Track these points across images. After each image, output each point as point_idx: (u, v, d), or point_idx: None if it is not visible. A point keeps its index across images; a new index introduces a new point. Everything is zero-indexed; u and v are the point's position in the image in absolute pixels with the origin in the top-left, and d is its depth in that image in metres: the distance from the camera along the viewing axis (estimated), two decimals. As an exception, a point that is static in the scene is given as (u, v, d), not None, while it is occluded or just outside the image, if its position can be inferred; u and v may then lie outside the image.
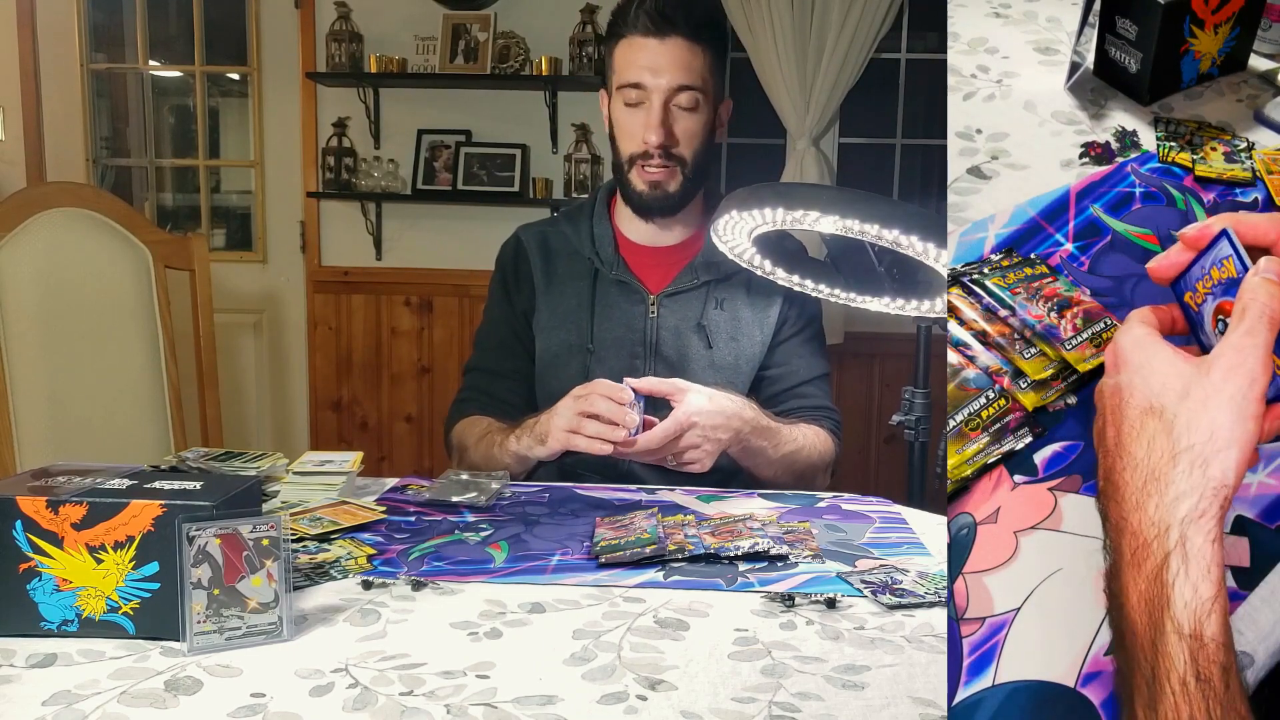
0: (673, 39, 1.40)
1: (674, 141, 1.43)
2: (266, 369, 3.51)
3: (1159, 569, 0.49)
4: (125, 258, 1.89)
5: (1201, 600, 0.48)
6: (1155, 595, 0.49)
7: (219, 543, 0.80)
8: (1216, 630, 0.47)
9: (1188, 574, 0.48)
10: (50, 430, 1.81)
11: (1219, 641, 0.47)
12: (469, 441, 1.47)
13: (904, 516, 1.21)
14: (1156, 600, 0.49)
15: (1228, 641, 0.47)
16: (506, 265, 1.57)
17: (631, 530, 1.08)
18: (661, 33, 1.40)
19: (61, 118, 3.42)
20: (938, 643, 0.83)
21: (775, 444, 1.38)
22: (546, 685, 0.74)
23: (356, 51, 3.22)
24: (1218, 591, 0.48)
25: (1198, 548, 0.49)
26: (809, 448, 1.43)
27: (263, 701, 0.71)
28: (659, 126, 1.41)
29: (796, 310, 1.53)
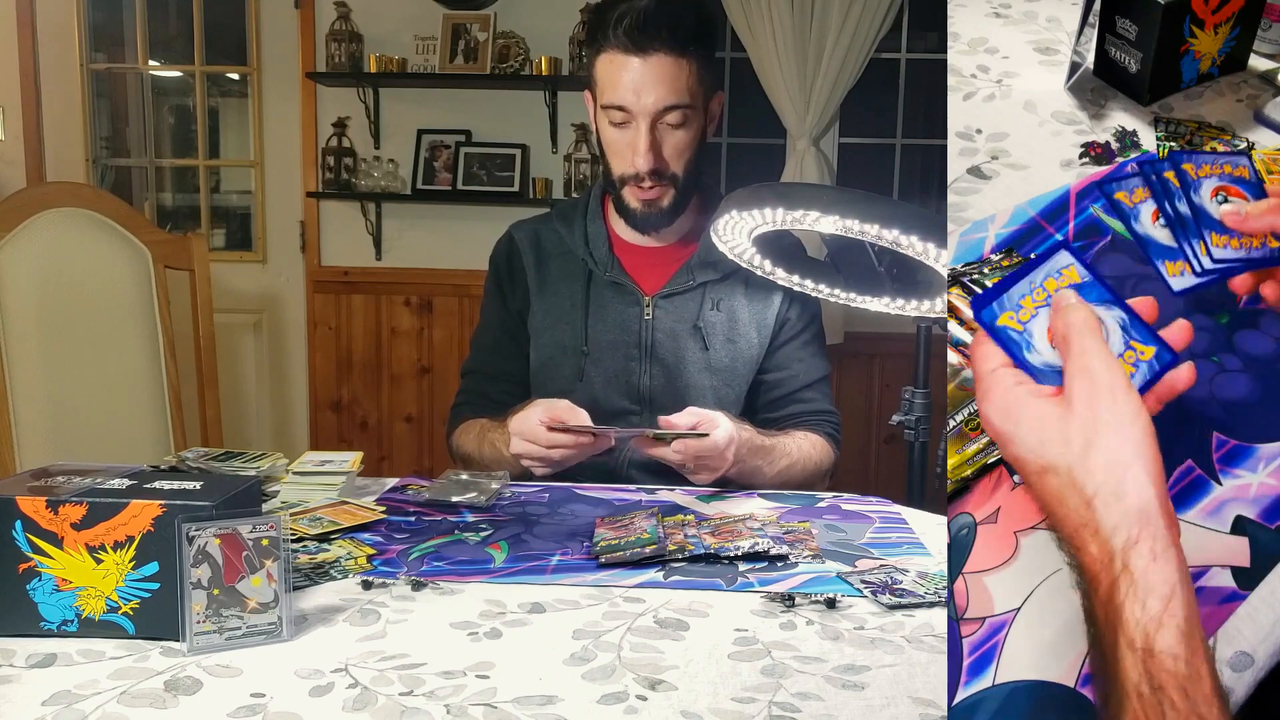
0: (655, 56, 1.32)
1: (664, 164, 1.39)
2: (266, 369, 3.51)
3: (1110, 592, 0.52)
4: (125, 258, 1.89)
5: (1150, 616, 0.50)
6: (1110, 617, 0.52)
7: (219, 543, 0.80)
8: (1170, 643, 0.49)
9: (1135, 594, 0.51)
10: (50, 430, 1.81)
11: (1173, 654, 0.49)
12: (470, 448, 1.47)
13: (904, 516, 1.21)
14: (1111, 622, 0.51)
15: (1186, 653, 0.49)
16: (500, 265, 1.56)
17: (631, 530, 1.08)
18: (643, 50, 1.32)
19: (61, 118, 3.42)
20: (938, 643, 0.83)
21: (770, 461, 1.37)
22: (546, 685, 0.74)
23: (356, 51, 3.22)
24: (1165, 607, 0.50)
25: (1141, 569, 0.51)
26: (804, 460, 1.42)
27: (262, 701, 0.71)
28: (647, 152, 1.36)
29: (796, 311, 1.51)
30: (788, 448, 1.40)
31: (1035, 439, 0.56)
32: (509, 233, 1.58)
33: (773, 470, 1.38)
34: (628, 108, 1.36)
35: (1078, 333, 0.57)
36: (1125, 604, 0.51)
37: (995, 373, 0.60)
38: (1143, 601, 0.50)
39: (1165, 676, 0.49)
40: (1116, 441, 0.54)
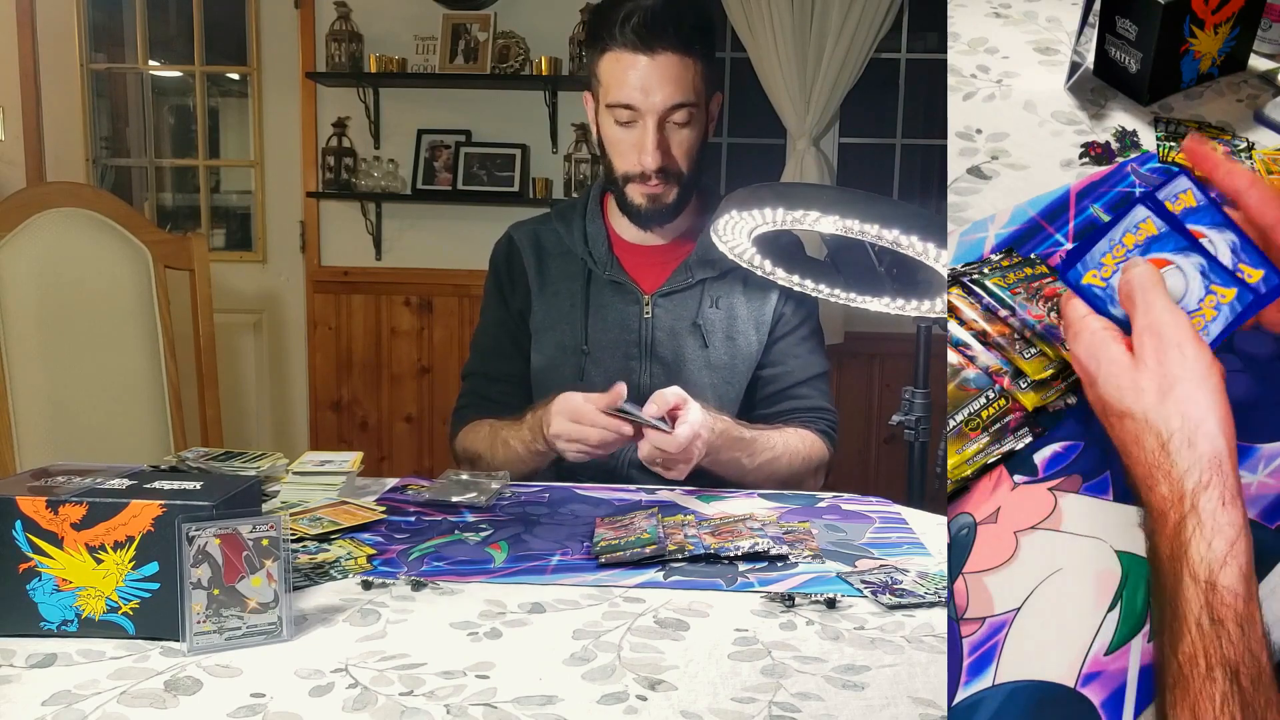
0: (663, 55, 1.33)
1: (671, 162, 1.40)
2: (266, 369, 3.51)
3: (1177, 530, 0.55)
4: (125, 258, 1.89)
5: (1215, 555, 0.53)
6: (1175, 552, 0.55)
7: (219, 543, 0.80)
8: (1232, 581, 0.53)
9: (1203, 533, 0.54)
10: (50, 430, 1.81)
11: (1234, 591, 0.52)
12: (481, 448, 1.46)
13: (904, 516, 1.21)
14: (1176, 556, 0.55)
15: (1245, 593, 0.52)
16: (500, 266, 1.56)
17: (631, 530, 1.08)
18: (651, 49, 1.33)
19: (61, 118, 3.42)
20: (938, 643, 0.83)
21: (750, 453, 1.36)
22: (546, 685, 0.74)
23: (356, 51, 3.22)
24: (1230, 548, 0.53)
25: (1209, 512, 0.54)
26: (790, 454, 1.41)
27: (262, 702, 0.71)
28: (655, 151, 1.37)
29: (792, 308, 1.52)
30: (771, 441, 1.40)
31: (1114, 385, 0.60)
32: (508, 234, 1.58)
33: (754, 463, 1.37)
34: (635, 106, 1.36)
35: (1141, 289, 0.60)
36: (1192, 541, 0.54)
37: (1084, 319, 0.64)
38: (1209, 541, 0.53)
39: (1225, 610, 0.52)
40: (1189, 392, 0.57)
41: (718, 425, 1.31)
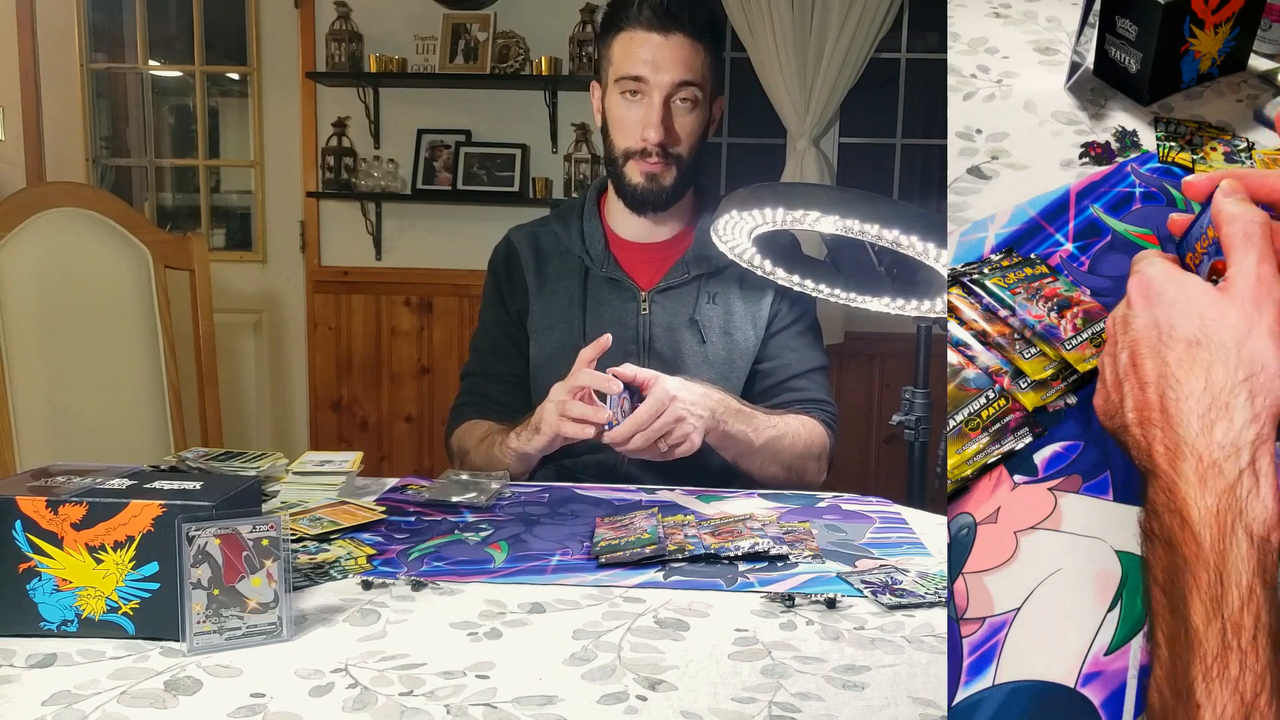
0: (676, 35, 1.40)
1: (674, 139, 1.43)
2: (266, 369, 3.51)
3: (1231, 486, 0.52)
4: (125, 258, 1.89)
5: (1270, 514, 0.51)
6: (1227, 508, 0.52)
7: (219, 543, 0.80)
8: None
9: (1259, 492, 0.51)
10: (50, 430, 1.81)
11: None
12: (470, 445, 1.47)
13: (904, 516, 1.21)
14: (1228, 513, 0.51)
15: None
16: (499, 268, 1.58)
17: (631, 530, 1.08)
18: (665, 28, 1.40)
19: (61, 118, 3.42)
20: (938, 643, 0.83)
21: (755, 428, 1.37)
22: (546, 685, 0.74)
23: (356, 51, 3.22)
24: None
25: (1265, 468, 0.52)
26: (793, 435, 1.42)
27: (262, 702, 0.71)
28: (659, 124, 1.41)
29: (788, 304, 1.53)
30: (772, 419, 1.40)
31: (1198, 314, 0.56)
32: (507, 237, 1.60)
33: (759, 440, 1.37)
34: (644, 78, 1.41)
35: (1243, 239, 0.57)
36: (1249, 500, 0.51)
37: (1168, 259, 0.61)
38: (1264, 501, 0.51)
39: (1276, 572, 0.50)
40: (1266, 344, 0.54)
41: (715, 394, 1.33)
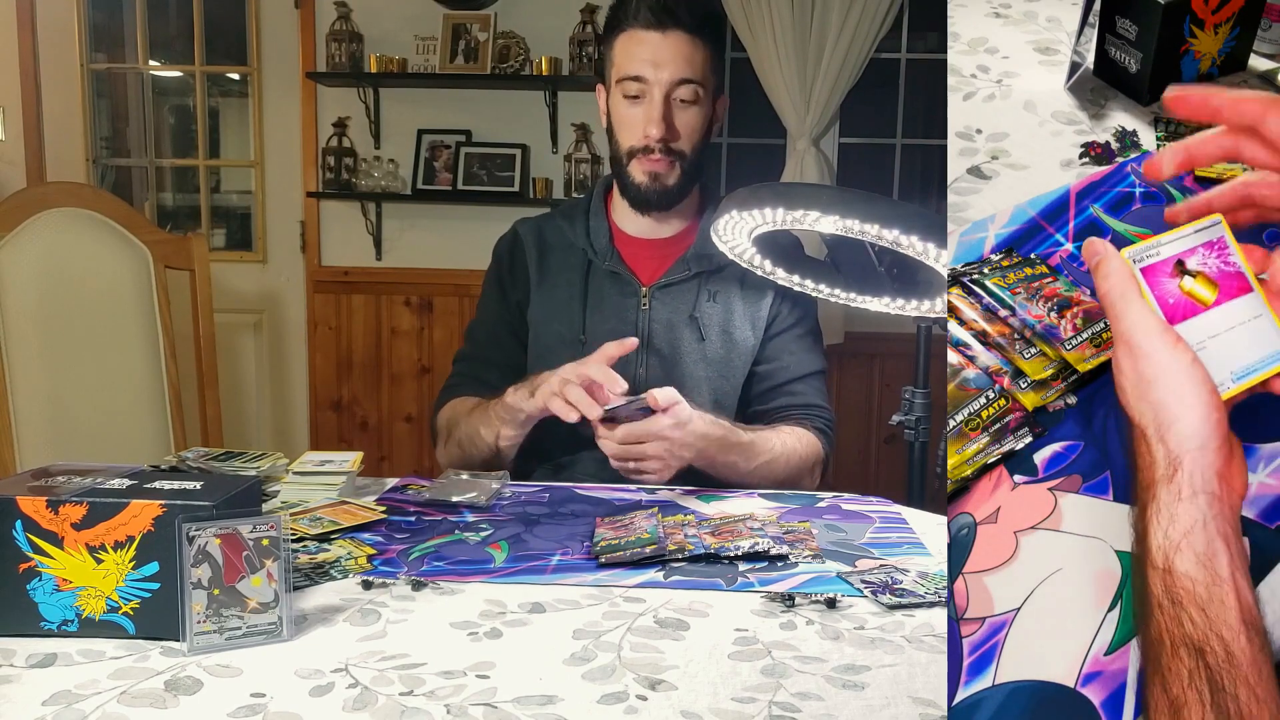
0: (674, 33, 1.40)
1: (675, 135, 1.44)
2: (266, 369, 3.51)
3: (1140, 516, 0.58)
4: (125, 258, 1.89)
5: (1170, 542, 0.56)
6: (1139, 535, 0.58)
7: (219, 543, 0.80)
8: (1188, 567, 0.55)
9: (1158, 522, 0.56)
10: (50, 430, 1.81)
11: (1190, 577, 0.54)
12: (459, 416, 1.45)
13: (904, 516, 1.21)
14: (1140, 540, 0.58)
15: (1206, 579, 0.54)
16: (503, 258, 1.58)
17: (631, 530, 1.08)
18: (663, 26, 1.40)
19: (61, 118, 3.42)
20: (938, 643, 0.83)
21: (747, 458, 1.37)
22: (546, 685, 0.74)
23: (356, 51, 3.22)
24: (1184, 536, 0.55)
25: (1166, 502, 0.57)
26: (787, 456, 1.42)
27: (263, 701, 0.71)
28: (660, 120, 1.42)
29: (789, 305, 1.53)
30: (770, 444, 1.40)
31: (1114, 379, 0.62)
32: (514, 228, 1.61)
33: (750, 467, 1.37)
34: (644, 77, 1.42)
35: (1113, 299, 0.62)
36: (1150, 527, 0.57)
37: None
38: (1164, 529, 0.56)
39: (1183, 594, 0.54)
40: (1161, 396, 0.59)
41: (714, 432, 1.32)
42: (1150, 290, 0.63)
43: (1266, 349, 0.62)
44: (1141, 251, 0.63)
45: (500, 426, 1.37)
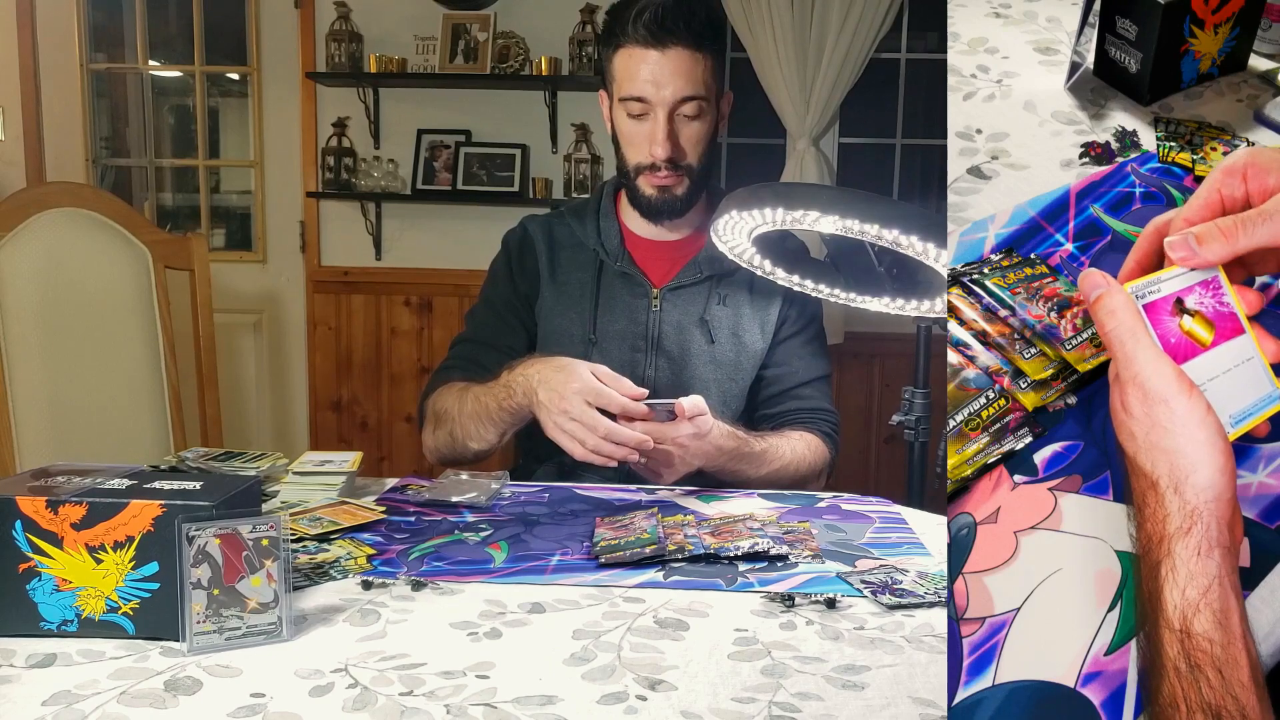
0: (674, 50, 1.37)
1: (681, 154, 1.43)
2: (266, 369, 3.51)
3: (1154, 572, 0.56)
4: (125, 258, 1.89)
5: (1189, 602, 0.54)
6: (1153, 593, 0.55)
7: (219, 543, 0.80)
8: (1207, 627, 0.53)
9: (1175, 580, 0.54)
10: (50, 430, 1.81)
11: (1209, 638, 0.53)
12: (451, 405, 1.41)
13: (904, 516, 1.21)
14: (1154, 598, 0.55)
15: (1223, 639, 0.52)
16: (513, 249, 1.57)
17: (631, 530, 1.08)
18: (662, 44, 1.37)
19: (61, 118, 3.42)
20: (938, 643, 0.83)
21: (757, 466, 1.37)
22: (546, 685, 0.74)
23: (356, 51, 3.22)
24: (1203, 596, 0.54)
25: (1184, 559, 0.55)
26: (795, 463, 1.42)
27: (262, 701, 0.71)
28: (665, 141, 1.40)
29: (797, 310, 1.53)
30: (780, 451, 1.40)
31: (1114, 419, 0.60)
32: (522, 224, 1.59)
33: (759, 474, 1.38)
34: (646, 98, 1.39)
35: (1121, 339, 0.59)
36: (1165, 586, 0.54)
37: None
38: (1182, 589, 0.54)
39: (1201, 657, 0.52)
40: (1179, 444, 0.56)
41: (729, 444, 1.32)
42: (1153, 329, 0.61)
43: (1260, 392, 0.61)
44: (1144, 288, 0.61)
45: (506, 427, 1.36)
